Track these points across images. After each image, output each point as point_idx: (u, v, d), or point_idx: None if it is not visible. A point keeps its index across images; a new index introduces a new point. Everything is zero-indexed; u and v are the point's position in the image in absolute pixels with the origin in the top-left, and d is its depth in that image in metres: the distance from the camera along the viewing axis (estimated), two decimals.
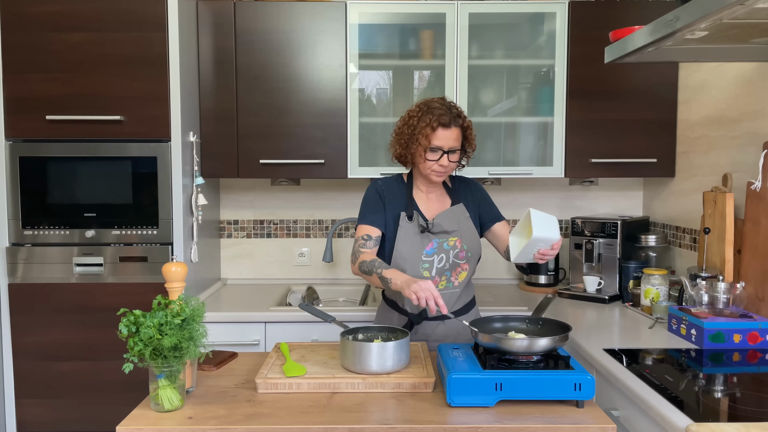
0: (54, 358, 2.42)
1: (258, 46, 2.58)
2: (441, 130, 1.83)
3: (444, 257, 1.91)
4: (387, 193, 1.96)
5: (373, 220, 1.93)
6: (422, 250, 1.90)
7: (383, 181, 2.01)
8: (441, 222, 1.91)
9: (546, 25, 2.64)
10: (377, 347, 1.53)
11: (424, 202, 1.97)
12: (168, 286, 1.55)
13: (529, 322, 1.67)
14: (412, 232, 1.91)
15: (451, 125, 1.84)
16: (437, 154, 1.85)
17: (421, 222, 1.91)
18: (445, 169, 1.87)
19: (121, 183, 2.39)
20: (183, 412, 1.40)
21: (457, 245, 1.92)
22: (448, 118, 1.83)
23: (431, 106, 1.86)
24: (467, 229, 1.95)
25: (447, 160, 1.85)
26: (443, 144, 1.84)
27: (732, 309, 1.96)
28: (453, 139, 1.85)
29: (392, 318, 1.99)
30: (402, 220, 1.91)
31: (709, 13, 1.33)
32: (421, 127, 1.84)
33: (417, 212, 1.93)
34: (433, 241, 1.91)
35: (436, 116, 1.82)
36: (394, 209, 1.94)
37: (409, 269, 1.89)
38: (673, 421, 1.33)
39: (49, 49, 2.34)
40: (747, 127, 2.17)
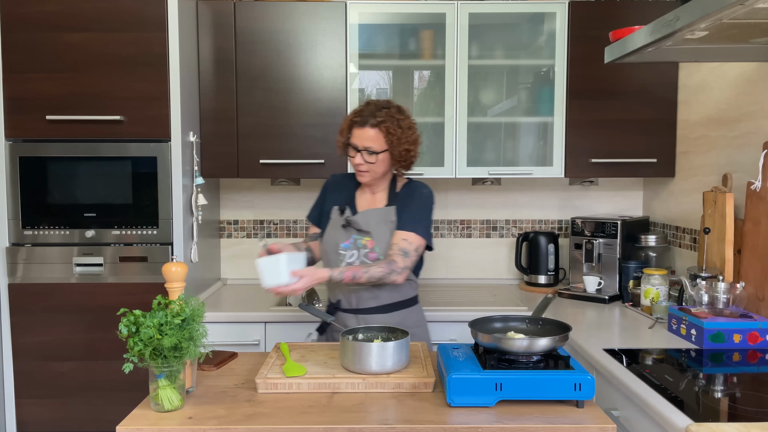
0: (54, 358, 2.42)
1: (258, 46, 2.58)
2: (356, 128, 1.91)
3: (356, 254, 1.95)
4: (333, 187, 2.08)
5: (311, 215, 2.11)
6: (340, 242, 1.97)
7: (337, 175, 2.14)
8: (358, 219, 1.96)
9: (546, 25, 2.64)
10: (377, 347, 1.53)
11: (365, 200, 2.03)
12: (168, 286, 1.55)
13: (529, 322, 1.67)
14: (336, 225, 1.99)
15: (365, 125, 1.89)
16: (352, 151, 1.92)
17: (346, 215, 1.98)
18: (362, 167, 1.91)
19: (121, 183, 2.39)
20: (183, 412, 1.40)
21: (368, 245, 1.95)
22: (361, 119, 1.90)
23: (362, 106, 1.94)
24: (383, 233, 1.94)
25: (361, 159, 1.90)
26: (357, 142, 1.90)
27: (732, 309, 1.96)
28: (367, 139, 1.89)
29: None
30: (333, 212, 2.01)
31: (709, 13, 1.33)
32: (344, 122, 1.96)
33: (349, 208, 2.00)
34: (352, 236, 1.96)
35: (353, 115, 1.93)
36: (334, 202, 2.04)
37: (328, 260, 2.00)
38: (673, 421, 1.33)
39: (49, 49, 2.34)
40: (747, 127, 2.17)
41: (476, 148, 2.68)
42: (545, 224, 3.02)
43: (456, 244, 3.02)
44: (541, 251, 2.81)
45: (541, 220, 3.02)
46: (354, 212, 1.99)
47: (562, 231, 3.02)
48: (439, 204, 3.00)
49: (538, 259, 2.82)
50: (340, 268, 1.82)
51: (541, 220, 3.02)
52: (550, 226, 3.02)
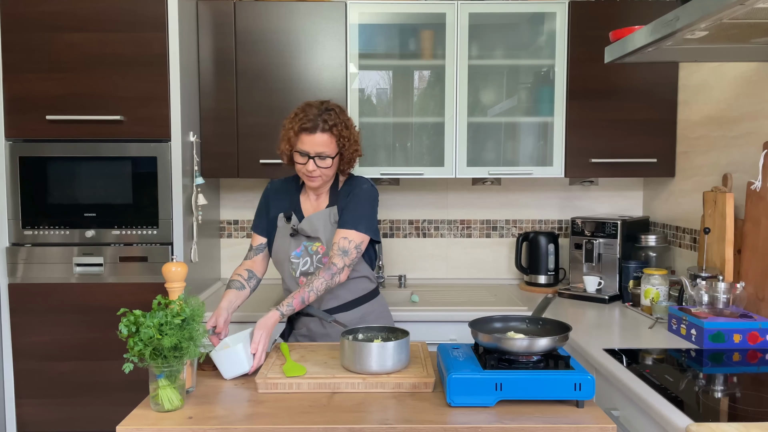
0: (54, 358, 2.42)
1: (258, 46, 2.58)
2: (304, 135, 1.82)
3: (308, 260, 1.93)
4: (274, 195, 2.01)
5: (256, 226, 2.01)
6: (291, 251, 1.94)
7: (277, 181, 2.06)
8: (305, 226, 1.93)
9: (546, 25, 2.64)
10: (377, 347, 1.53)
11: (309, 203, 1.99)
12: (168, 286, 1.55)
13: (529, 322, 1.67)
14: (284, 234, 1.94)
15: (315, 131, 1.81)
16: (304, 158, 1.84)
17: (292, 224, 1.93)
18: (312, 173, 1.84)
19: (121, 183, 2.39)
20: (183, 412, 1.40)
21: (320, 251, 1.92)
22: (311, 125, 1.81)
23: (304, 109, 1.84)
24: (330, 234, 1.92)
25: (314, 165, 1.83)
26: (309, 149, 1.82)
27: (732, 309, 1.96)
28: (320, 145, 1.82)
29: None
30: (279, 220, 1.96)
31: (709, 13, 1.33)
32: (287, 130, 1.86)
33: (295, 214, 1.95)
34: (302, 244, 1.93)
35: (300, 120, 1.82)
36: (278, 209, 1.98)
37: (280, 270, 1.98)
38: (673, 421, 1.33)
39: (49, 49, 2.34)
40: (747, 127, 2.17)
41: (476, 148, 2.68)
42: (545, 224, 3.02)
43: (456, 244, 3.02)
44: (541, 251, 2.81)
45: (541, 220, 3.02)
46: (300, 217, 1.95)
47: (562, 231, 3.02)
48: (438, 204, 3.01)
49: (538, 259, 2.82)
50: (286, 302, 1.78)
51: (541, 220, 3.02)
52: (550, 226, 3.02)
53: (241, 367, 1.59)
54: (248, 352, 1.61)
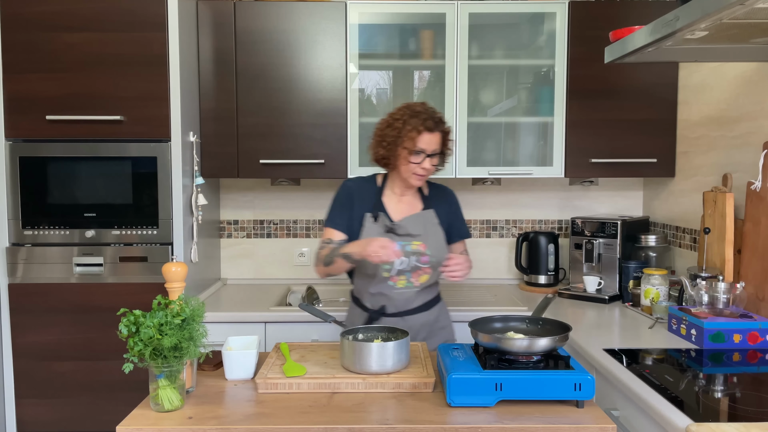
0: (54, 358, 2.42)
1: (258, 46, 2.58)
2: (426, 134, 1.87)
3: (405, 260, 1.93)
4: (357, 194, 1.99)
5: (337, 223, 1.99)
6: None
7: (356, 180, 2.05)
8: (406, 224, 1.95)
9: (546, 25, 2.64)
10: (377, 347, 1.53)
11: (394, 204, 2.00)
12: (168, 286, 1.55)
13: (529, 322, 1.67)
14: (375, 232, 1.94)
15: (435, 130, 1.88)
16: (420, 157, 1.89)
17: (387, 223, 1.94)
18: (426, 172, 1.91)
19: (121, 183, 2.39)
20: (183, 412, 1.40)
21: (420, 249, 1.94)
22: (432, 123, 1.88)
23: (415, 110, 1.90)
24: (434, 235, 1.97)
25: (429, 164, 1.90)
26: (427, 147, 1.88)
27: (732, 309, 1.96)
28: (435, 143, 1.90)
29: (355, 315, 2.04)
30: (367, 220, 1.96)
31: (709, 13, 1.33)
32: (407, 130, 1.87)
33: (383, 213, 1.96)
34: (397, 243, 1.90)
35: (421, 120, 1.87)
36: (362, 209, 1.98)
37: (371, 269, 1.93)
38: (673, 421, 1.33)
39: (49, 49, 2.34)
40: (747, 127, 2.17)
41: (476, 148, 2.68)
42: (545, 224, 3.02)
43: None
44: (541, 251, 2.81)
45: (541, 220, 3.02)
46: (389, 218, 1.96)
47: (562, 231, 3.02)
48: None
49: (538, 259, 2.82)
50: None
51: (541, 220, 3.02)
52: (550, 226, 3.02)
53: (246, 372, 1.60)
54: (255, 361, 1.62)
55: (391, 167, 1.97)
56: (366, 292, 2.00)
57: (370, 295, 1.99)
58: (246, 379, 1.60)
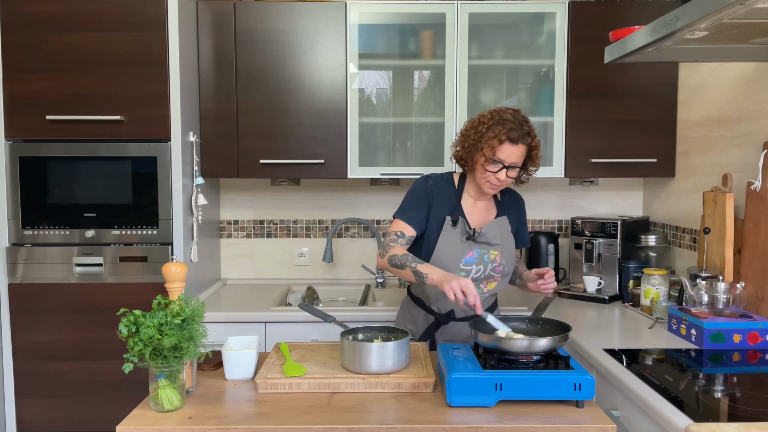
0: (54, 358, 2.42)
1: (258, 46, 2.58)
2: (508, 144, 1.77)
3: (482, 268, 1.89)
4: (436, 193, 1.90)
5: (411, 219, 1.88)
6: (462, 257, 1.87)
7: (435, 179, 1.94)
8: (487, 233, 1.88)
9: (546, 25, 2.64)
10: (377, 347, 1.53)
11: (470, 208, 1.93)
12: (168, 286, 1.55)
13: (529, 322, 1.67)
14: (454, 238, 1.87)
15: (519, 142, 1.78)
16: (497, 167, 1.79)
17: (467, 229, 1.88)
18: (501, 183, 1.83)
19: (121, 183, 2.39)
20: (183, 412, 1.40)
21: (497, 259, 1.90)
22: (517, 134, 1.77)
23: (504, 117, 1.80)
24: (508, 243, 1.93)
25: (505, 175, 1.81)
26: (506, 159, 1.78)
27: (732, 309, 1.96)
28: (517, 156, 1.79)
29: (417, 316, 1.98)
30: (446, 224, 1.87)
31: (709, 13, 1.33)
32: (489, 137, 1.78)
33: (462, 219, 1.89)
34: (475, 250, 1.87)
35: (506, 129, 1.77)
36: (440, 211, 1.89)
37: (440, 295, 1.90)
38: (673, 421, 1.33)
39: (49, 49, 2.34)
40: (747, 127, 2.17)
41: None
42: (545, 224, 3.02)
43: None
44: (541, 251, 2.81)
45: (541, 220, 3.02)
46: (467, 224, 1.90)
47: (562, 231, 3.02)
48: None
49: (538, 259, 2.82)
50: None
51: (541, 220, 3.02)
52: (550, 226, 3.02)
53: (246, 372, 1.60)
54: (255, 362, 1.62)
55: (468, 169, 1.89)
56: (435, 295, 1.93)
57: (439, 299, 1.93)
58: (246, 379, 1.60)
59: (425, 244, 1.90)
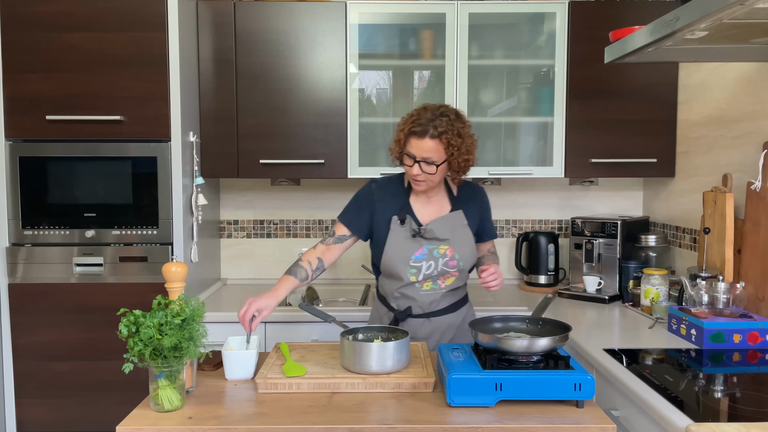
0: (54, 358, 2.42)
1: (258, 46, 2.58)
2: (414, 138, 1.78)
3: (433, 264, 1.89)
4: (381, 196, 1.93)
5: (350, 222, 1.94)
6: (411, 254, 1.88)
7: (381, 181, 1.98)
8: (434, 228, 1.88)
9: (546, 25, 2.64)
10: (377, 347, 1.53)
11: (422, 205, 1.93)
12: (168, 286, 1.55)
13: (529, 322, 1.67)
14: (402, 236, 1.89)
15: (425, 136, 1.77)
16: (410, 161, 1.81)
17: (413, 227, 1.88)
18: (420, 178, 1.81)
19: (121, 183, 2.39)
20: (183, 412, 1.40)
21: (447, 254, 1.90)
22: (421, 128, 1.77)
23: (417, 113, 1.81)
24: (461, 238, 1.92)
25: (418, 169, 1.80)
26: (416, 153, 1.79)
27: (732, 309, 1.96)
28: (426, 150, 1.77)
29: (382, 314, 2.01)
30: (393, 223, 1.89)
31: (709, 13, 1.33)
32: (399, 130, 1.83)
33: (410, 216, 1.90)
34: (424, 246, 1.88)
35: (412, 124, 1.79)
36: (387, 212, 1.91)
37: (396, 273, 1.90)
38: (673, 421, 1.33)
39: (49, 49, 2.34)
40: (747, 127, 2.17)
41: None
42: (545, 224, 3.02)
43: None
44: (541, 251, 2.81)
45: (541, 220, 3.02)
46: (416, 221, 1.91)
47: (562, 231, 3.02)
48: None
49: (538, 259, 2.82)
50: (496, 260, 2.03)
51: (541, 220, 3.02)
52: (550, 226, 3.02)
53: (246, 372, 1.60)
54: (256, 360, 1.62)
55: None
56: (391, 293, 1.96)
57: (395, 297, 1.95)
58: (246, 379, 1.60)
59: (376, 244, 1.94)
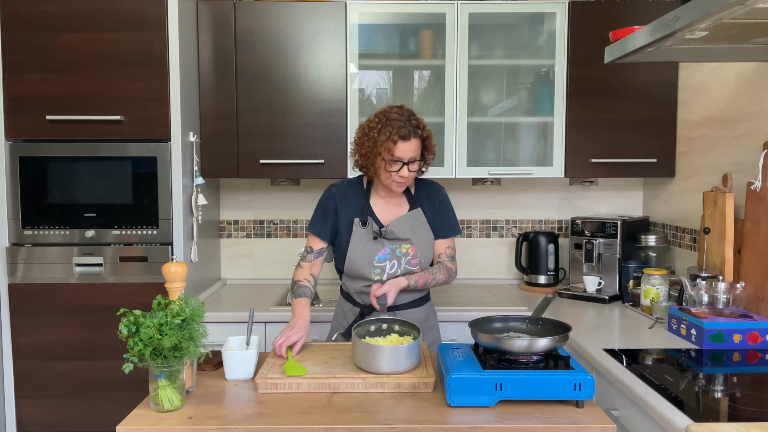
0: (54, 358, 2.42)
1: (258, 46, 2.58)
2: (401, 143, 1.82)
3: (396, 263, 1.94)
4: (341, 200, 1.98)
5: (320, 231, 1.99)
6: (374, 255, 1.93)
7: (339, 185, 2.02)
8: (394, 229, 1.93)
9: (546, 25, 2.64)
10: (390, 350, 1.52)
11: (381, 207, 1.99)
12: (168, 286, 1.55)
13: (529, 322, 1.67)
14: (365, 238, 1.94)
15: (411, 137, 1.83)
16: (398, 166, 1.85)
17: (374, 228, 1.93)
18: (405, 179, 1.88)
19: (121, 183, 2.39)
20: (183, 412, 1.40)
21: (410, 252, 1.95)
22: (407, 131, 1.82)
23: (390, 118, 1.84)
24: (422, 236, 1.97)
25: (407, 171, 1.86)
26: (403, 156, 1.84)
27: (732, 309, 1.96)
28: (412, 150, 1.85)
29: (347, 310, 2.04)
30: (355, 225, 1.95)
31: (709, 13, 1.33)
32: (382, 141, 1.83)
33: (371, 218, 1.95)
34: (387, 247, 1.93)
35: (396, 129, 1.82)
36: (349, 214, 1.96)
37: (360, 274, 1.95)
38: (673, 421, 1.33)
39: (49, 49, 2.34)
40: (747, 127, 2.17)
41: (476, 148, 2.68)
42: (545, 224, 3.02)
43: (456, 244, 3.02)
44: (541, 251, 2.81)
45: (541, 220, 3.02)
46: (377, 222, 1.96)
47: (562, 231, 3.02)
48: None
49: (538, 259, 2.82)
50: (414, 276, 1.93)
51: (541, 220, 3.02)
52: (550, 226, 3.02)
53: (246, 372, 1.60)
54: (255, 361, 1.62)
55: (371, 175, 1.94)
56: (355, 291, 2.01)
57: (360, 294, 2.00)
58: (246, 379, 1.60)
59: (340, 247, 1.98)
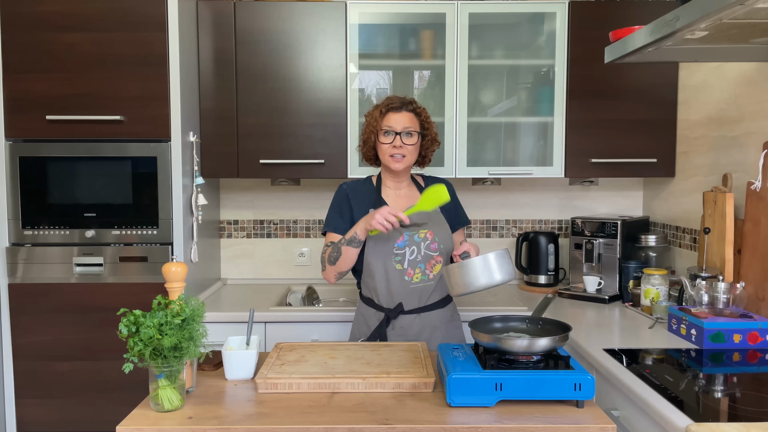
0: (54, 358, 2.42)
1: (258, 46, 2.58)
2: (392, 113, 1.94)
3: (416, 249, 1.95)
4: (354, 195, 2.02)
5: (337, 227, 2.00)
6: (393, 243, 1.95)
7: (349, 183, 2.07)
8: (412, 216, 1.92)
9: (546, 25, 2.64)
10: (479, 260, 1.68)
11: (393, 199, 2.02)
12: (168, 286, 1.55)
13: (529, 322, 1.67)
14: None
15: (402, 110, 1.94)
16: (390, 137, 1.93)
17: None
18: (400, 152, 1.93)
19: (121, 183, 2.39)
20: (183, 412, 1.40)
21: (428, 237, 1.97)
22: (398, 103, 1.94)
23: (388, 97, 2.00)
24: (438, 222, 2.01)
25: (401, 141, 1.92)
26: (394, 125, 1.92)
27: (732, 309, 1.96)
28: (405, 121, 1.93)
29: (369, 316, 2.01)
30: None
31: (709, 13, 1.33)
32: (375, 116, 1.96)
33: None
34: (404, 234, 1.95)
35: (386, 103, 1.96)
36: (363, 208, 1.99)
37: (381, 264, 1.94)
38: (673, 421, 1.33)
39: (49, 49, 2.34)
40: (747, 127, 2.17)
41: (476, 148, 2.68)
42: (545, 224, 3.02)
43: None
44: (541, 251, 2.81)
45: (541, 220, 3.02)
46: None
47: (562, 231, 3.02)
48: None
49: (538, 259, 2.82)
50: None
51: (541, 220, 3.02)
52: (550, 226, 3.02)
53: (246, 372, 1.60)
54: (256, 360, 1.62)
55: (378, 161, 2.03)
56: (380, 291, 1.97)
57: (385, 294, 1.97)
58: (246, 379, 1.60)
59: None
